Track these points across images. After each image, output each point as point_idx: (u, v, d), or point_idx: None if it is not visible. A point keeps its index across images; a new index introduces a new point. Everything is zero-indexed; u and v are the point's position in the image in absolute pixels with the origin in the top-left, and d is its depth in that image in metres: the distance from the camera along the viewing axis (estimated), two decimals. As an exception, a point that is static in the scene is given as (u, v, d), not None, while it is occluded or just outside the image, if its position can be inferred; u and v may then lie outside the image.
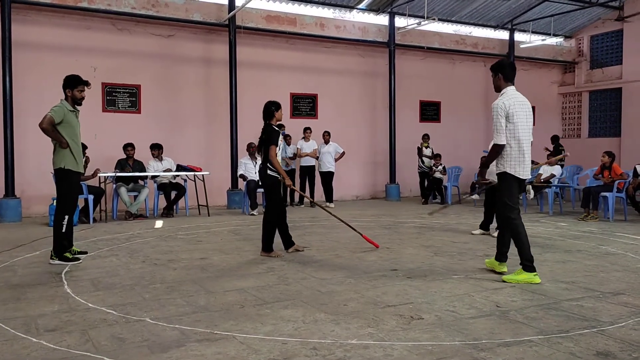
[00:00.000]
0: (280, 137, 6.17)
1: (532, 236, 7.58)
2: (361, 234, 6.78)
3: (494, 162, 5.06)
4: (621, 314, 3.92)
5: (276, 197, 6.22)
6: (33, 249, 6.64)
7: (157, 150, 10.21)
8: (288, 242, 6.43)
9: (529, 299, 4.32)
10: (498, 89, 5.07)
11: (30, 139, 9.86)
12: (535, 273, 4.86)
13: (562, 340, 3.37)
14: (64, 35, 10.40)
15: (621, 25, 15.18)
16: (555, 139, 14.35)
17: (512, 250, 5.10)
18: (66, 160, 5.77)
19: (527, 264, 4.86)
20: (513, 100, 4.87)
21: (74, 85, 5.83)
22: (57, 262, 5.76)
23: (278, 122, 6.30)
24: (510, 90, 4.97)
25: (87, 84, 5.92)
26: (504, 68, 5.03)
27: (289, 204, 11.76)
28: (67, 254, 5.85)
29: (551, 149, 13.95)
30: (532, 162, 5.94)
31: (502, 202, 4.98)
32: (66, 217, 5.80)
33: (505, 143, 4.85)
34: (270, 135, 6.09)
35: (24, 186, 9.87)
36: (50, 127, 5.64)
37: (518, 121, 4.83)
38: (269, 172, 6.13)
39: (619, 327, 3.63)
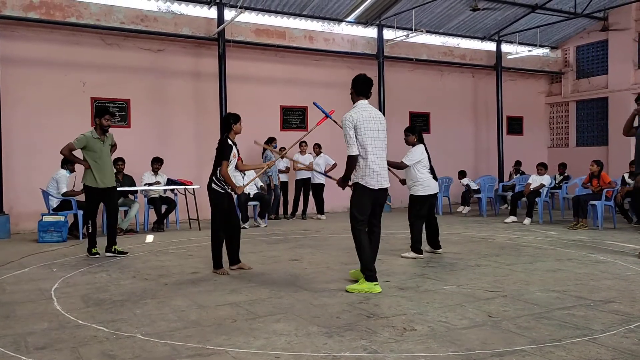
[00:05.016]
0: (233, 151, 5.89)
1: (522, 245, 7.67)
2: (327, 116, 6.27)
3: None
4: (612, 322, 3.94)
5: (216, 212, 5.94)
6: (22, 266, 6.57)
7: (158, 164, 10.30)
8: (231, 259, 6.16)
9: (520, 309, 4.33)
10: (353, 102, 5.24)
11: (19, 155, 9.79)
12: (376, 283, 4.96)
13: (554, 350, 3.38)
14: (52, 50, 10.36)
15: (606, 36, 15.40)
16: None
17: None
18: (86, 178, 6.92)
19: (369, 274, 4.97)
20: (362, 113, 5.06)
21: (101, 114, 6.93)
22: (110, 254, 7.06)
23: (236, 135, 6.02)
24: (360, 104, 5.17)
25: (113, 115, 7.44)
26: (356, 83, 5.22)
27: (282, 216, 11.91)
28: (117, 247, 7.16)
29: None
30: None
31: (351, 212, 5.14)
32: (89, 221, 7.03)
33: (357, 154, 5.02)
34: (221, 150, 5.86)
35: (13, 202, 9.77)
36: (67, 152, 6.98)
37: (365, 133, 5.02)
38: (213, 185, 5.90)
39: (611, 335, 3.64)
